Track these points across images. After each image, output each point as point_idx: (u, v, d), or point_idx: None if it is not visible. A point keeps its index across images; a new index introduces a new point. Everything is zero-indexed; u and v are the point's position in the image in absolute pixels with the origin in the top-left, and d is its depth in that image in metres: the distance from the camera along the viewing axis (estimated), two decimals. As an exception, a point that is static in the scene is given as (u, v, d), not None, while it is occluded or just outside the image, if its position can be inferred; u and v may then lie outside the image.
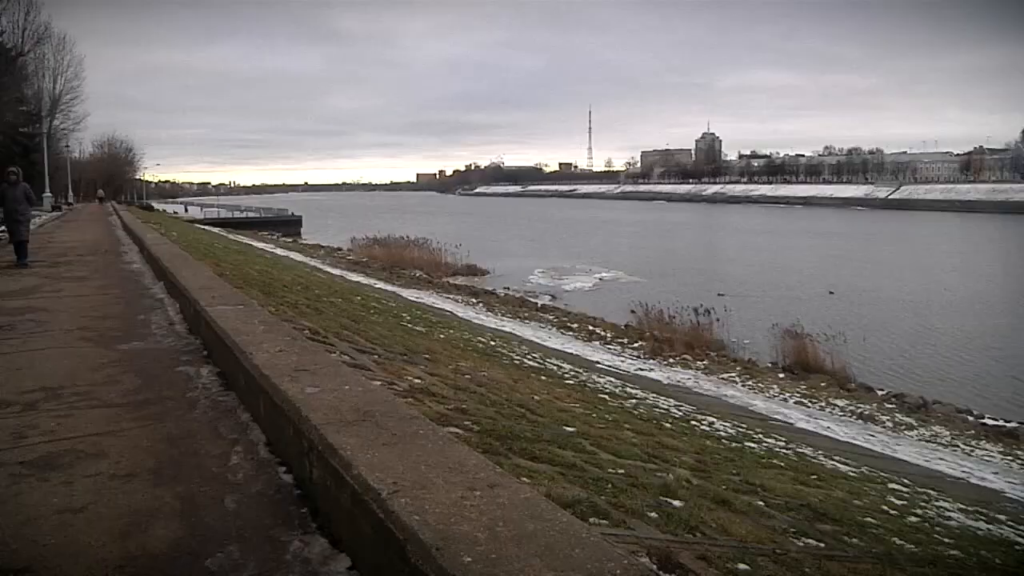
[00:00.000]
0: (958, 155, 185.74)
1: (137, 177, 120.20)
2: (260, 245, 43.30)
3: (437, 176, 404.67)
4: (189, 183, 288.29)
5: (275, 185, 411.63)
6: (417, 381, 7.41)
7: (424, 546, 2.28)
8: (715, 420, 11.61)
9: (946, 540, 6.67)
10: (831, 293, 35.85)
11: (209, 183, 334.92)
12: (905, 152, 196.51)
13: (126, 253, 18.19)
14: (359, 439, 3.23)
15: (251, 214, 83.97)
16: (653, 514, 4.68)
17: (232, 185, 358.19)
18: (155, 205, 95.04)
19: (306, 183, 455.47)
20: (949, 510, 8.32)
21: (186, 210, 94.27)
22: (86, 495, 3.70)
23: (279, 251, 41.52)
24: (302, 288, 16.63)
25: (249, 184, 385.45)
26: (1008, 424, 16.20)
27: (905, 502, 8.19)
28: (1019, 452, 14.25)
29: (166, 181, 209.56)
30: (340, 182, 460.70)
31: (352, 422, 3.48)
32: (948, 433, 15.18)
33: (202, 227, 52.83)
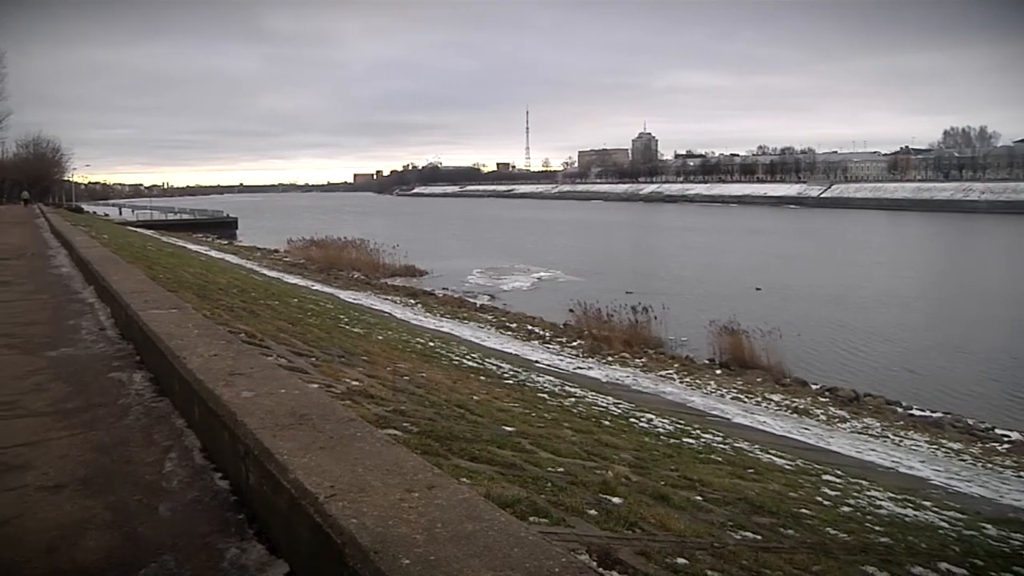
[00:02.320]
0: (886, 155, 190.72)
1: (65, 178, 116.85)
2: (194, 247, 42.53)
3: (375, 177, 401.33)
4: (120, 184, 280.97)
5: (210, 186, 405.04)
6: (355, 383, 7.36)
7: (362, 549, 2.27)
8: (653, 417, 11.74)
9: (877, 528, 6.86)
10: (758, 289, 36.60)
11: (142, 184, 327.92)
12: (836, 152, 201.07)
13: (54, 257, 17.66)
14: (296, 443, 3.19)
15: (185, 216, 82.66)
16: (593, 511, 4.71)
17: (165, 187, 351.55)
18: (85, 207, 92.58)
19: (241, 184, 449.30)
20: (880, 499, 8.56)
21: (120, 212, 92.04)
22: (9, 509, 3.57)
23: (214, 253, 40.84)
24: (238, 291, 16.37)
25: (183, 185, 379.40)
26: (934, 414, 16.76)
27: (839, 493, 8.40)
28: (943, 441, 14.74)
29: (96, 182, 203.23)
30: (276, 183, 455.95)
31: (289, 426, 3.44)
32: (879, 424, 15.62)
33: (134, 229, 51.58)
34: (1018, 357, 23.16)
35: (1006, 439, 15.24)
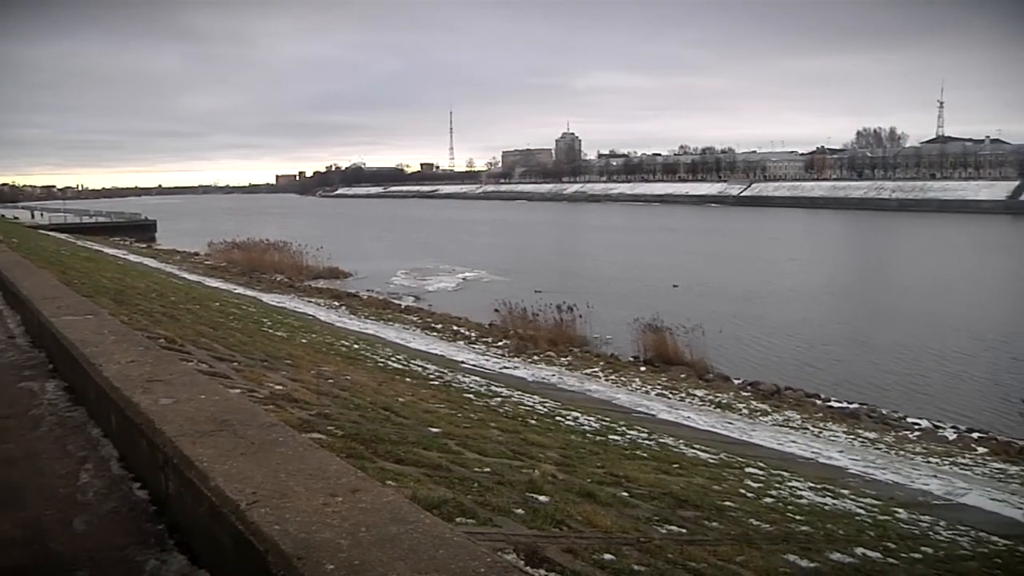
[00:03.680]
0: (803, 155, 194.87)
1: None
2: (111, 251, 41.39)
3: (297, 178, 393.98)
4: (31, 186, 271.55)
5: (127, 188, 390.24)
6: (278, 388, 7.26)
7: (285, 556, 2.24)
8: (580, 415, 11.84)
9: (798, 517, 7.05)
10: (675, 286, 37.32)
11: (54, 186, 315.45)
12: (755, 151, 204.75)
13: (-41, 263, 16.98)
14: (216, 450, 3.14)
15: (101, 219, 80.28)
16: (520, 511, 4.73)
17: (80, 188, 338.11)
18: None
19: (160, 186, 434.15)
20: (800, 489, 8.80)
21: (32, 215, 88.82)
22: (-91, 530, 3.42)
23: (132, 257, 39.81)
24: (157, 295, 15.99)
25: (99, 187, 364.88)
26: (851, 405, 17.29)
27: (761, 484, 8.60)
28: (860, 430, 15.23)
29: (4, 184, 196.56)
30: (196, 184, 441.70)
31: (209, 432, 3.38)
32: (799, 417, 16.04)
33: (47, 233, 49.89)
34: (926, 349, 24.10)
35: (916, 427, 15.82)
